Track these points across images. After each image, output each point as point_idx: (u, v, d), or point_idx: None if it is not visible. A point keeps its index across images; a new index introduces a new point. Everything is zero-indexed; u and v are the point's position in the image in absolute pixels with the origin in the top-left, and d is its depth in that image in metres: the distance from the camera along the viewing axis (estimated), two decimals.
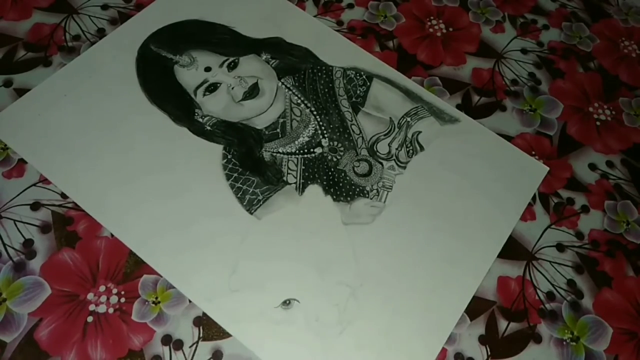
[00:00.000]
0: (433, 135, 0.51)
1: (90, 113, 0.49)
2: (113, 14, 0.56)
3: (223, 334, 0.41)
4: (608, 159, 0.53)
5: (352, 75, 0.54)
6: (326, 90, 0.53)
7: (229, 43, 0.54)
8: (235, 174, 0.47)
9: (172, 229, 0.44)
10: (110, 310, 0.41)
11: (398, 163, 0.49)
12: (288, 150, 0.49)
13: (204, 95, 0.51)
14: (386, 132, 0.51)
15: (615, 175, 0.52)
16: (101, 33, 0.54)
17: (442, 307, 0.43)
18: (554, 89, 0.57)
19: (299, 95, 0.52)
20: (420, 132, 0.51)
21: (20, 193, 0.45)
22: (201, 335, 0.41)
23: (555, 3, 0.64)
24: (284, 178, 0.48)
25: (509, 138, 0.53)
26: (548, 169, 0.51)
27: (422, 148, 0.51)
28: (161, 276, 0.43)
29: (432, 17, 0.61)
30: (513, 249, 0.47)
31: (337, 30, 0.58)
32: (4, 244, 0.43)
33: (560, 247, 0.48)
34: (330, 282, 0.43)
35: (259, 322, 0.41)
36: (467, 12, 0.62)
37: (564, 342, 0.44)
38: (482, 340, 0.43)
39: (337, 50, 0.55)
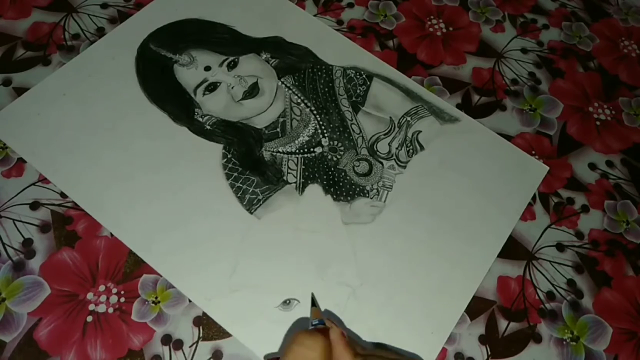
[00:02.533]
0: (433, 135, 0.51)
1: (89, 112, 0.49)
2: (112, 12, 0.56)
3: (223, 334, 0.41)
4: (608, 159, 0.53)
5: (352, 75, 0.54)
6: (326, 89, 0.53)
7: (228, 42, 0.54)
8: (235, 174, 0.47)
9: (172, 229, 0.44)
10: (110, 310, 0.41)
11: (398, 162, 0.49)
12: (288, 150, 0.49)
13: (204, 94, 0.51)
14: (386, 131, 0.51)
15: (615, 175, 0.52)
16: (100, 32, 0.54)
17: (442, 307, 0.43)
18: (554, 88, 0.57)
19: (299, 95, 0.52)
20: (420, 131, 0.51)
21: (20, 192, 0.45)
22: (201, 335, 0.41)
23: (555, 3, 0.64)
24: (284, 177, 0.48)
25: (509, 137, 0.53)
26: (548, 168, 0.51)
27: (422, 147, 0.50)
28: (161, 276, 0.43)
29: (432, 17, 0.61)
30: (513, 249, 0.47)
31: (337, 30, 0.58)
32: (3, 244, 0.43)
33: (560, 247, 0.48)
34: (330, 282, 0.43)
35: (259, 322, 0.41)
36: (467, 11, 0.62)
37: (564, 342, 0.44)
38: (482, 340, 0.43)
39: (337, 50, 0.55)
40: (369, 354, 0.32)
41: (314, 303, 0.41)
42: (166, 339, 0.40)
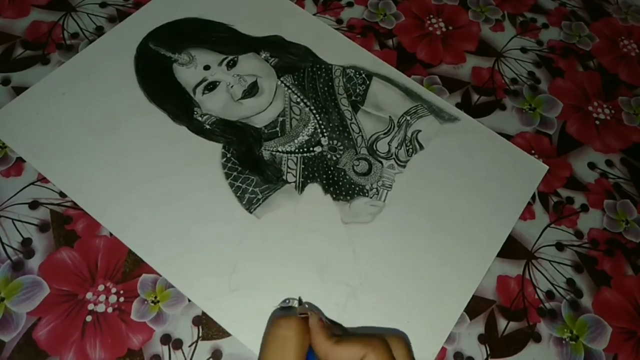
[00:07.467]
0: (433, 134, 0.51)
1: (88, 111, 0.49)
2: (111, 11, 0.56)
3: (222, 334, 0.41)
4: (607, 158, 0.53)
5: (352, 74, 0.54)
6: (326, 88, 0.53)
7: (227, 41, 0.54)
8: (235, 173, 0.47)
9: (171, 228, 0.44)
10: (109, 310, 0.41)
11: (398, 162, 0.49)
12: (287, 149, 0.49)
13: (203, 93, 0.51)
14: (386, 130, 0.51)
15: (615, 175, 0.52)
16: (100, 31, 0.54)
17: (442, 307, 0.43)
18: (554, 87, 0.57)
19: (299, 94, 0.52)
20: (419, 130, 0.51)
21: (19, 192, 0.45)
22: (200, 334, 0.41)
23: (555, 2, 0.64)
24: (284, 177, 0.47)
25: (508, 137, 0.53)
26: (547, 167, 0.51)
27: (421, 147, 0.50)
28: (160, 275, 0.42)
29: (431, 16, 0.61)
30: (512, 248, 0.47)
31: (337, 29, 0.58)
32: (2, 243, 0.43)
33: (559, 246, 0.48)
34: (330, 281, 0.43)
35: (258, 321, 0.41)
36: (467, 10, 0.62)
37: (564, 341, 0.44)
38: (482, 339, 0.43)
39: (336, 49, 0.55)
40: (344, 334, 0.33)
41: (300, 302, 0.41)
42: (165, 339, 0.40)
